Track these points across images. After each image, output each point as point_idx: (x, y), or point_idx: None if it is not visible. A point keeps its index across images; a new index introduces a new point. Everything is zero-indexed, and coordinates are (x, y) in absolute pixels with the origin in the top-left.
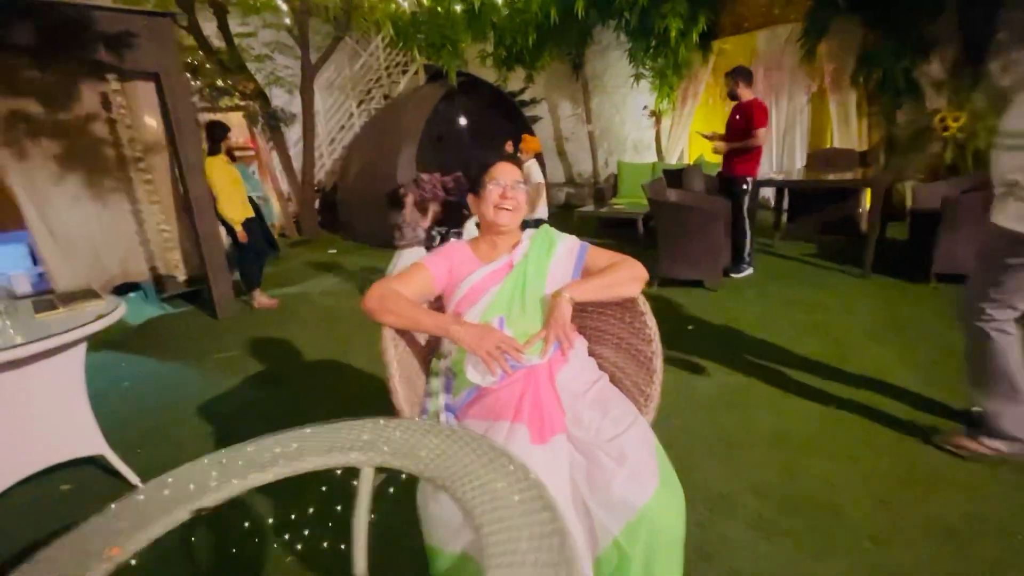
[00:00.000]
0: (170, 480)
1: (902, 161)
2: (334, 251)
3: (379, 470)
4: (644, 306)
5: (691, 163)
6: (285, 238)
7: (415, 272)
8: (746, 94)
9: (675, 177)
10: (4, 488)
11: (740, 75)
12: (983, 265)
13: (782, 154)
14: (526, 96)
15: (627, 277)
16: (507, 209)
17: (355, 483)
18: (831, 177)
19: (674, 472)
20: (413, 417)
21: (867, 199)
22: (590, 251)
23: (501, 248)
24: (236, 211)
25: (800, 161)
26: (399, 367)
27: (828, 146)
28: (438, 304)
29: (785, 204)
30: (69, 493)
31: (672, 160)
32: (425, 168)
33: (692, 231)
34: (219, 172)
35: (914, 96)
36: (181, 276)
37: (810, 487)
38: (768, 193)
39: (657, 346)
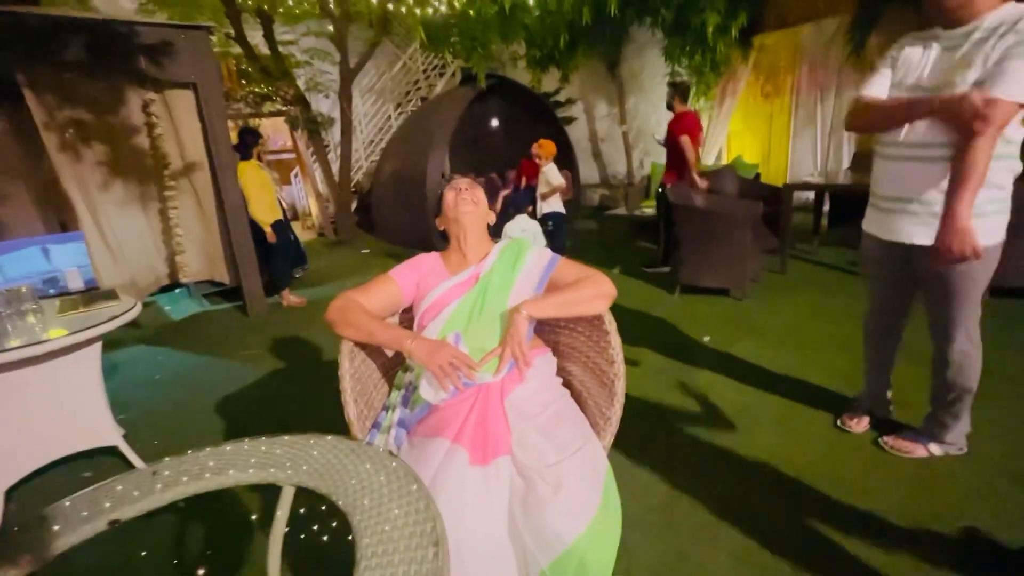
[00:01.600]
0: (119, 488)
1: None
2: (367, 251)
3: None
4: (610, 325)
5: (727, 164)
6: (323, 238)
7: (381, 284)
8: (679, 107)
9: (708, 178)
10: (25, 474)
11: (677, 90)
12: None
13: (827, 155)
14: (561, 97)
15: (592, 294)
16: (465, 201)
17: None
18: None
19: (618, 502)
20: (364, 431)
21: None
22: (560, 264)
23: (470, 260)
24: (266, 213)
25: (847, 162)
26: (353, 381)
27: None
28: (408, 318)
29: (826, 207)
30: (88, 480)
31: (709, 161)
32: (460, 170)
33: (717, 237)
34: (250, 176)
35: None
36: (221, 276)
37: (806, 518)
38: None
39: (620, 368)
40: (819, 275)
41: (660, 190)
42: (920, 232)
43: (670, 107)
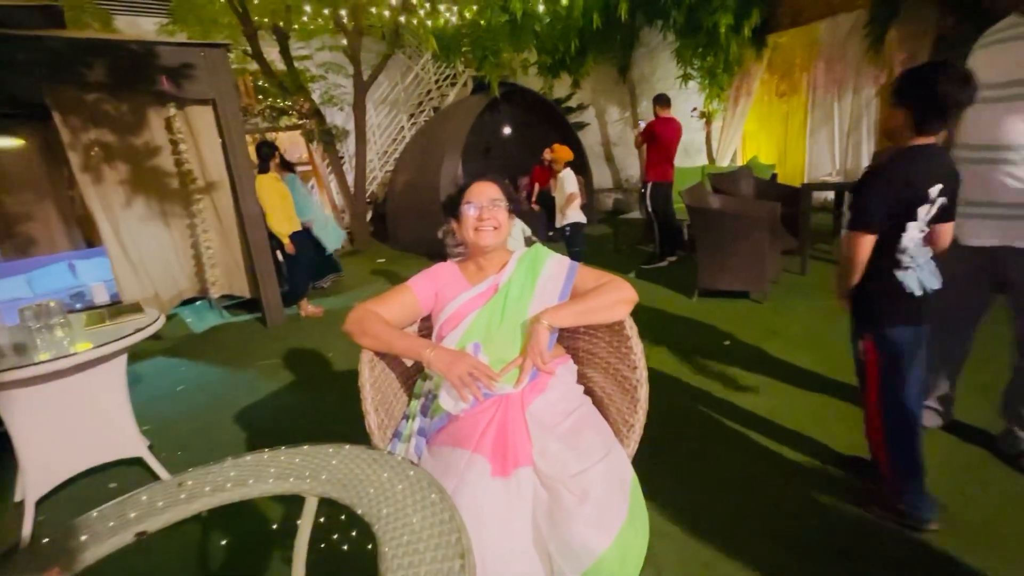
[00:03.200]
0: (144, 498)
1: None
2: (382, 260)
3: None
4: (631, 330)
5: (743, 165)
6: (339, 249)
7: (399, 294)
8: (661, 113)
9: (724, 180)
10: (54, 485)
11: (657, 101)
12: None
13: (846, 153)
14: (572, 102)
15: (612, 300)
16: (487, 230)
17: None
18: None
19: (645, 511)
20: (385, 440)
21: None
22: (579, 271)
23: (488, 270)
24: (284, 225)
25: (867, 160)
26: (373, 391)
27: None
28: (428, 325)
29: (845, 207)
30: (115, 491)
31: (724, 163)
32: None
33: (735, 239)
34: (268, 189)
35: None
36: (241, 291)
37: (839, 527)
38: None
39: (642, 374)
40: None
41: (643, 189)
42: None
43: (655, 114)
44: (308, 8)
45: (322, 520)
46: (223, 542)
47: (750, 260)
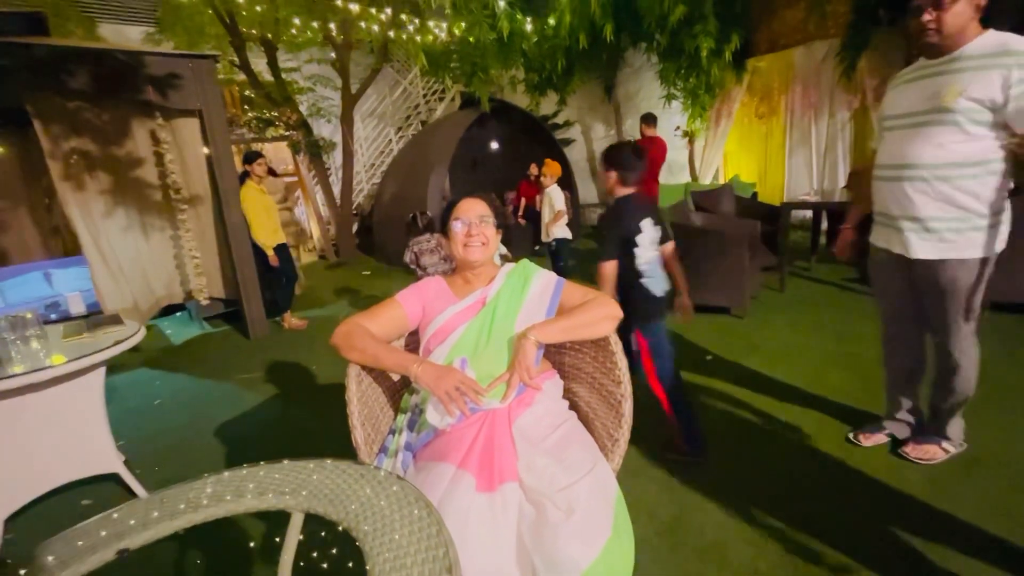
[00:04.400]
0: (115, 516)
1: None
2: (367, 273)
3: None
4: (615, 345)
5: (725, 183)
6: (324, 260)
7: (387, 308)
8: (647, 132)
9: (706, 198)
10: (26, 502)
11: (644, 120)
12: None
13: (823, 174)
14: (559, 119)
15: (598, 316)
16: (475, 245)
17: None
18: None
19: (630, 524)
20: (371, 455)
21: None
22: (566, 287)
23: (476, 284)
24: (268, 236)
25: (842, 180)
26: (360, 405)
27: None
28: (415, 340)
29: (824, 226)
30: (88, 508)
31: (706, 180)
32: (462, 193)
33: (716, 256)
34: (252, 200)
35: None
36: (217, 292)
37: (816, 537)
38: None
39: (627, 388)
40: (817, 292)
41: None
42: (918, 245)
43: (642, 133)
44: (297, 20)
45: (302, 538)
46: (198, 561)
47: (731, 276)
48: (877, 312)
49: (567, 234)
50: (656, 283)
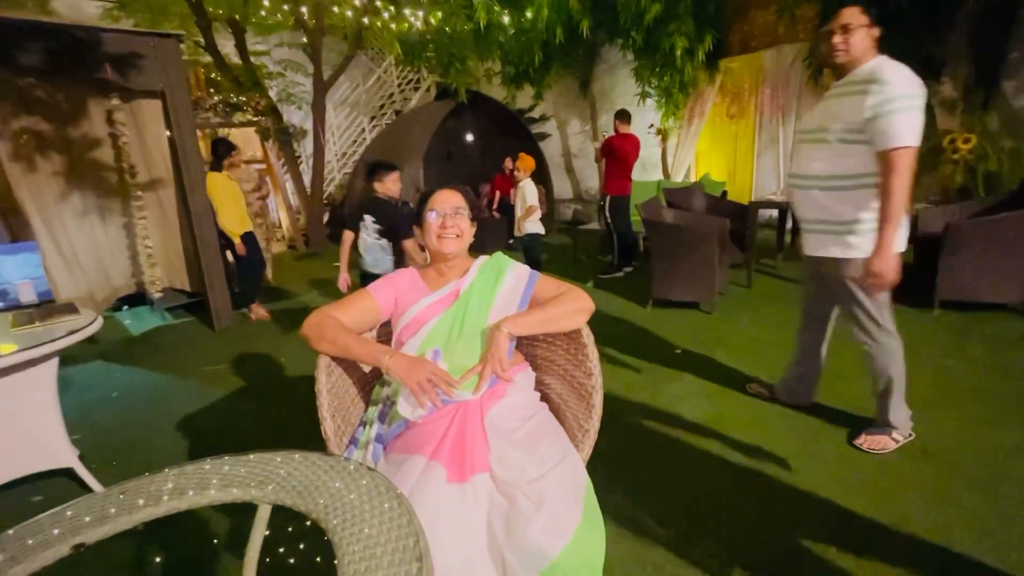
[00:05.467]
0: (68, 513)
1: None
2: (338, 263)
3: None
4: (587, 338)
5: (696, 181)
6: (294, 250)
7: (358, 299)
8: (621, 129)
9: (678, 195)
10: None
11: (619, 116)
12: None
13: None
14: (535, 113)
15: (571, 309)
16: (449, 237)
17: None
18: None
19: (599, 514)
20: (341, 447)
21: None
22: (539, 280)
23: (449, 276)
24: (235, 224)
25: None
26: (330, 396)
27: None
28: (387, 332)
29: (789, 224)
30: (39, 504)
31: (678, 178)
32: (436, 184)
33: (686, 251)
34: (220, 187)
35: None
36: (182, 284)
37: (779, 525)
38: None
39: (597, 380)
40: (782, 289)
41: (602, 202)
42: (809, 244)
43: (616, 129)
44: (267, 2)
45: (268, 533)
46: (159, 557)
47: (701, 272)
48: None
49: (540, 229)
50: (370, 259)
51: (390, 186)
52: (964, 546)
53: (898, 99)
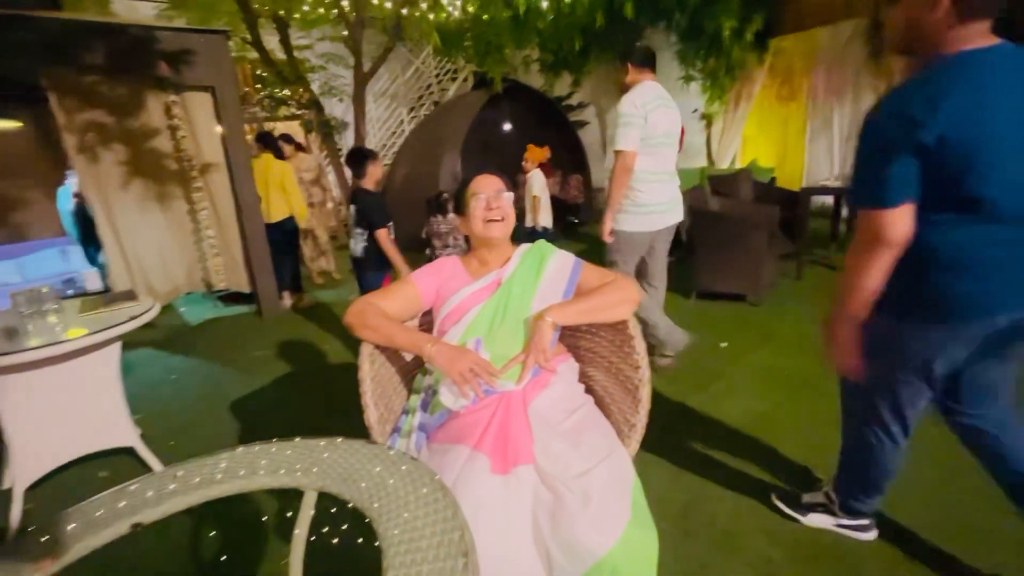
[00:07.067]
0: (132, 488)
1: None
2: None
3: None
4: (634, 329)
5: (743, 168)
6: (335, 240)
7: (401, 287)
8: None
9: (723, 183)
10: (44, 473)
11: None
12: None
13: (845, 159)
14: (573, 100)
15: (617, 299)
16: (495, 220)
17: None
18: None
19: (649, 513)
20: (384, 435)
21: None
22: (584, 269)
23: (492, 264)
24: (304, 206)
25: None
26: (373, 384)
27: None
28: (428, 320)
29: (844, 213)
30: (105, 480)
31: (723, 165)
32: (473, 173)
33: (733, 242)
34: (290, 172)
35: None
36: (239, 284)
37: (828, 533)
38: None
39: (645, 373)
40: (835, 281)
41: None
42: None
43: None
44: None
45: (312, 514)
46: (212, 534)
47: (748, 264)
48: None
49: (547, 223)
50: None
51: (371, 171)
52: None
53: None
